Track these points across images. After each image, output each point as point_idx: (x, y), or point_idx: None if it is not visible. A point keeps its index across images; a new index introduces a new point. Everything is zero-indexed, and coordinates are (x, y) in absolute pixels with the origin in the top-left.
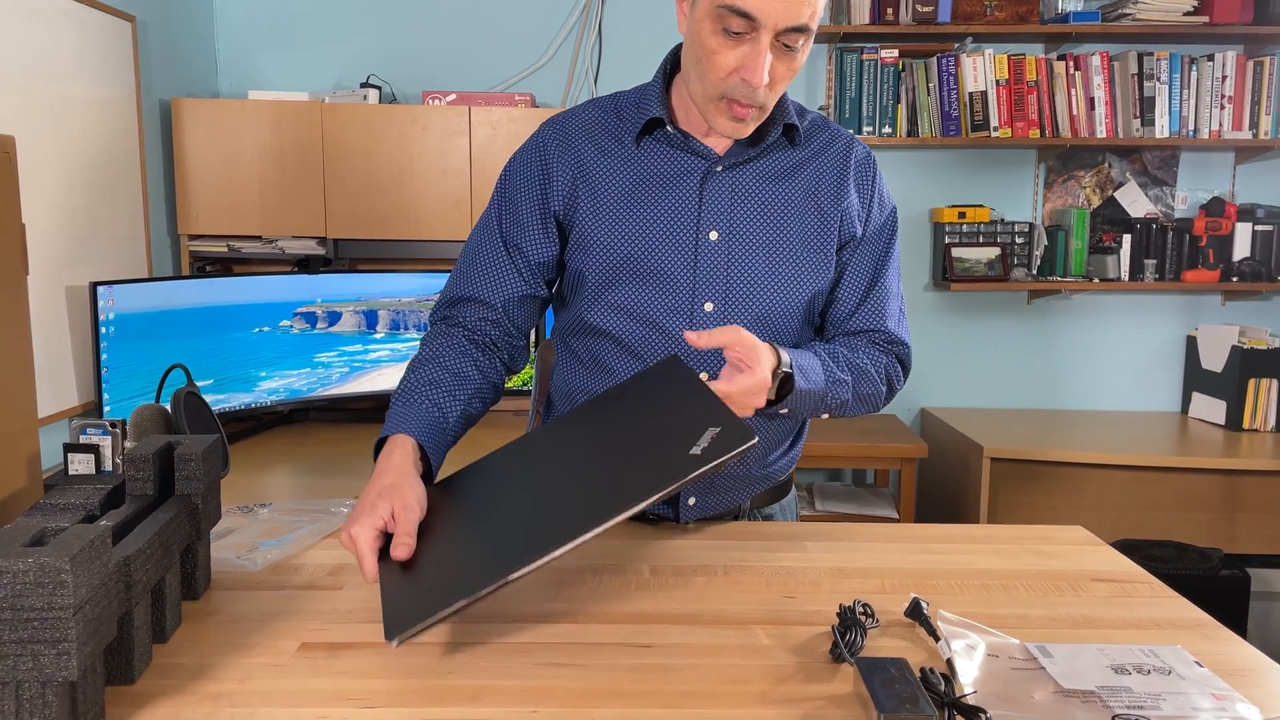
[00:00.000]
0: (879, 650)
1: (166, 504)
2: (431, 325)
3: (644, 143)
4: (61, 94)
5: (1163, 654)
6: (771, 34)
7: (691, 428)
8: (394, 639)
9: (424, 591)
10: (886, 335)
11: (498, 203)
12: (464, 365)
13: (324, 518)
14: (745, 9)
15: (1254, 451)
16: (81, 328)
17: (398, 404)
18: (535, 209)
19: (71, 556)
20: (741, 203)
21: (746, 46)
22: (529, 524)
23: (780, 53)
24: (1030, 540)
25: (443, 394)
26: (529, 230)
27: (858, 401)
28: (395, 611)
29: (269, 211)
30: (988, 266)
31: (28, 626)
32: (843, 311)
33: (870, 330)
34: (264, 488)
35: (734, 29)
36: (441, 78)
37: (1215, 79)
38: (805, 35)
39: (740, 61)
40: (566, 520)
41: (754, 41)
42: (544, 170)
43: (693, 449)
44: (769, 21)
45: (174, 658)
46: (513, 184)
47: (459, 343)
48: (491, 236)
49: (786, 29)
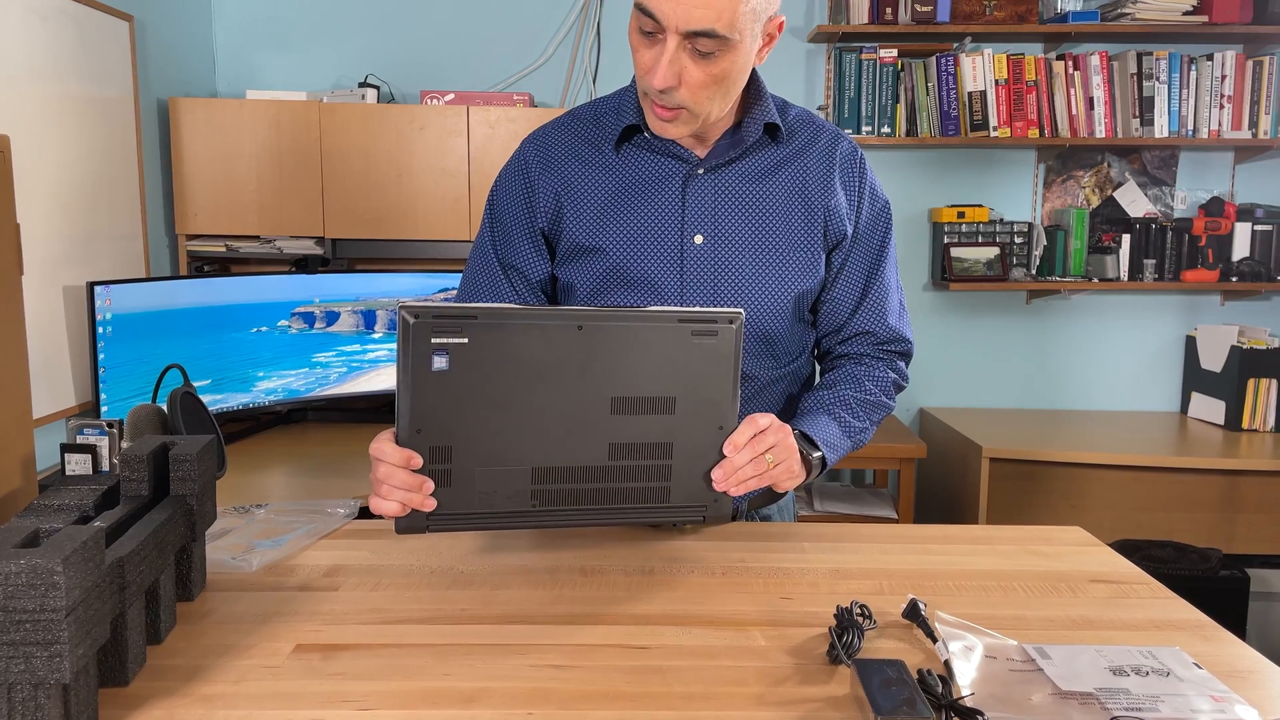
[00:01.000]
0: (876, 652)
1: (161, 505)
2: None
3: (624, 149)
4: (59, 93)
5: (1161, 655)
6: (677, 36)
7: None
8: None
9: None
10: (889, 333)
11: (489, 225)
12: None
13: (320, 519)
14: (647, 8)
15: (1253, 451)
16: (79, 328)
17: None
18: (523, 228)
19: (64, 558)
20: (725, 205)
21: (656, 48)
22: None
23: (694, 57)
24: (1028, 541)
25: None
26: (521, 250)
27: (874, 429)
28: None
29: (267, 211)
30: (987, 266)
31: (20, 628)
32: (842, 312)
33: (871, 331)
34: (261, 488)
35: (645, 29)
36: (440, 77)
37: (1214, 79)
38: (717, 42)
39: (652, 61)
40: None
41: (662, 43)
42: (528, 189)
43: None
44: (669, 23)
45: (168, 659)
46: (500, 205)
47: None
48: (487, 259)
49: (690, 32)
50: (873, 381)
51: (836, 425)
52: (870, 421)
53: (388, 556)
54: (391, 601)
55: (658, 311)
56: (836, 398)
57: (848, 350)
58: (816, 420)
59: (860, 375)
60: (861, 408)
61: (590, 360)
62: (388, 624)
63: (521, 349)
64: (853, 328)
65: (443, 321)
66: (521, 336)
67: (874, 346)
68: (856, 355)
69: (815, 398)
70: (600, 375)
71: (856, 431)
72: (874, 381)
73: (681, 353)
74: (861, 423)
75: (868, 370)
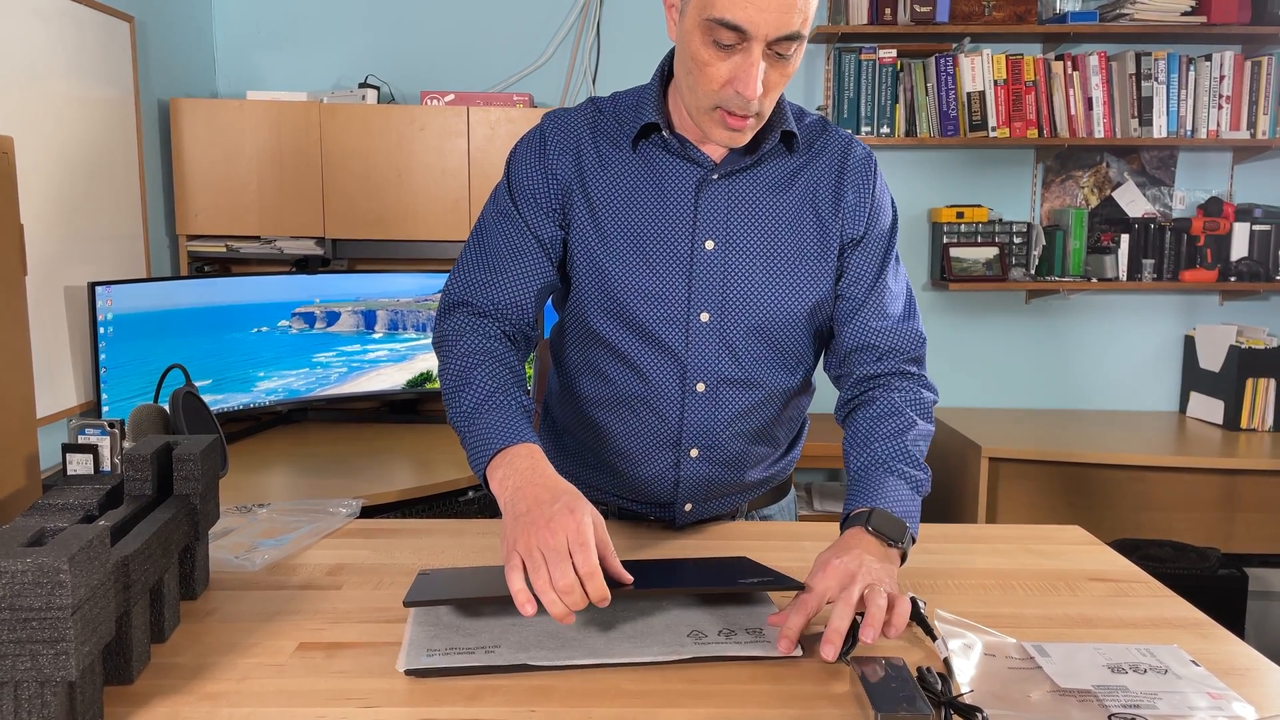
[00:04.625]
0: (876, 650)
1: (165, 504)
2: (453, 312)
3: (641, 147)
4: (60, 93)
5: (1159, 653)
6: (763, 44)
7: (748, 576)
8: (408, 601)
9: (460, 585)
10: (898, 339)
11: (511, 191)
12: (512, 359)
13: (323, 518)
14: (735, 22)
15: (1251, 451)
16: (80, 328)
17: (493, 411)
18: (544, 196)
19: (70, 557)
20: (738, 212)
21: (738, 57)
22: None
23: (773, 60)
24: (1027, 540)
25: (520, 392)
26: (544, 216)
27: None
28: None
29: (267, 211)
30: (986, 266)
31: (26, 626)
32: (847, 310)
33: (879, 337)
34: (263, 488)
35: (724, 41)
36: (440, 77)
37: (1213, 79)
38: (798, 42)
39: (732, 73)
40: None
41: (745, 52)
42: (545, 160)
43: (741, 580)
44: (760, 32)
45: (172, 657)
46: (520, 171)
47: (497, 335)
48: (513, 223)
49: (778, 38)
50: (914, 409)
51: (905, 485)
52: (923, 459)
53: (390, 555)
54: (394, 600)
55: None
56: (894, 451)
57: (867, 372)
58: (884, 486)
59: (896, 403)
60: (917, 449)
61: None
62: (391, 622)
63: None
64: (860, 336)
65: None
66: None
67: (892, 359)
68: (882, 381)
69: (872, 452)
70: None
71: (922, 484)
72: (915, 409)
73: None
74: (921, 472)
75: (902, 400)
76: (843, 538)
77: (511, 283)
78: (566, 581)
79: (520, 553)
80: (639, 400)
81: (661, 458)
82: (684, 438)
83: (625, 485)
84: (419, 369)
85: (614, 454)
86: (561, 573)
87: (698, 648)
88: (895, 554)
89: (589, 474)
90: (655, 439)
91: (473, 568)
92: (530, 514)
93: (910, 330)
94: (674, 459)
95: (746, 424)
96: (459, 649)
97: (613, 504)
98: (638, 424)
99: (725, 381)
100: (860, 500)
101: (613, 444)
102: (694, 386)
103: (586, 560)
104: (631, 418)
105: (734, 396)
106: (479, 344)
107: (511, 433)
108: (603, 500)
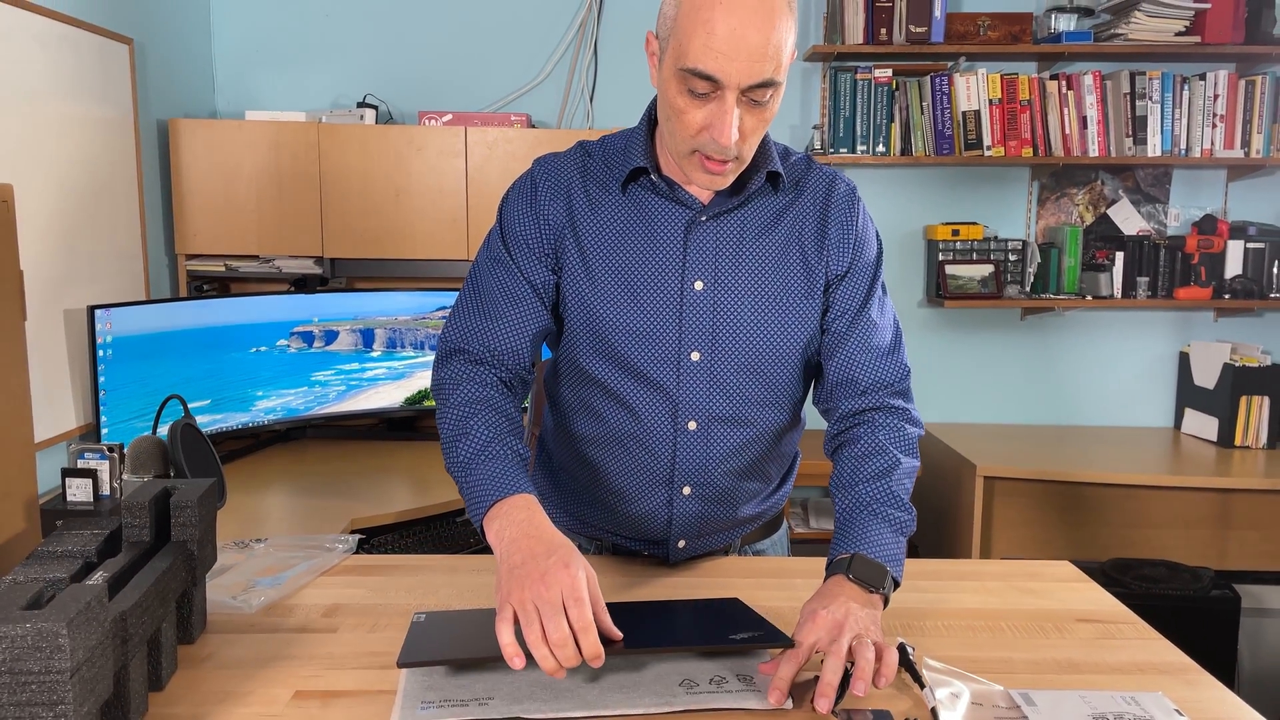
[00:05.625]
0: (864, 701)
1: (163, 552)
2: (450, 359)
3: (630, 190)
4: (60, 116)
5: (1144, 701)
6: (736, 91)
7: (739, 627)
8: (402, 663)
9: (451, 643)
10: (884, 374)
11: (504, 238)
12: (509, 407)
13: (319, 554)
14: (707, 71)
15: (1245, 469)
16: (79, 351)
17: (490, 461)
18: (536, 242)
19: (69, 620)
20: (726, 253)
21: (713, 105)
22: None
23: (748, 107)
24: (1017, 577)
25: (516, 440)
26: (537, 262)
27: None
28: (415, 647)
29: (266, 231)
30: (981, 284)
31: (25, 689)
32: (832, 343)
33: (862, 371)
34: (260, 509)
35: (699, 90)
36: (438, 97)
37: (1207, 98)
38: (773, 88)
39: (708, 120)
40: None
41: (720, 100)
42: (536, 206)
43: (732, 635)
44: (732, 81)
45: (169, 707)
46: (512, 218)
47: (494, 383)
48: (507, 270)
49: (751, 85)
50: (899, 448)
51: (889, 529)
52: (908, 500)
53: (385, 595)
54: (389, 644)
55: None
56: (877, 494)
57: (852, 408)
58: (867, 531)
59: (881, 443)
60: (902, 490)
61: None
62: (385, 669)
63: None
64: (844, 370)
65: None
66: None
67: (876, 394)
68: (866, 417)
69: (856, 495)
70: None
71: (906, 525)
72: (900, 448)
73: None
74: (904, 514)
75: (885, 439)
76: (826, 585)
77: (507, 329)
78: (560, 635)
79: (514, 605)
80: (631, 439)
81: (654, 495)
82: (676, 475)
83: (619, 522)
84: (417, 386)
85: (607, 491)
86: (555, 626)
87: (690, 698)
88: (878, 599)
89: (584, 510)
90: (648, 477)
91: (466, 612)
92: (525, 567)
93: (895, 363)
94: (667, 496)
95: (738, 461)
96: (453, 700)
97: (607, 540)
98: (630, 462)
99: (717, 419)
100: (844, 546)
101: (606, 481)
102: (685, 425)
103: (581, 615)
104: (624, 455)
105: (725, 434)
106: (475, 393)
107: (507, 484)
108: (597, 536)
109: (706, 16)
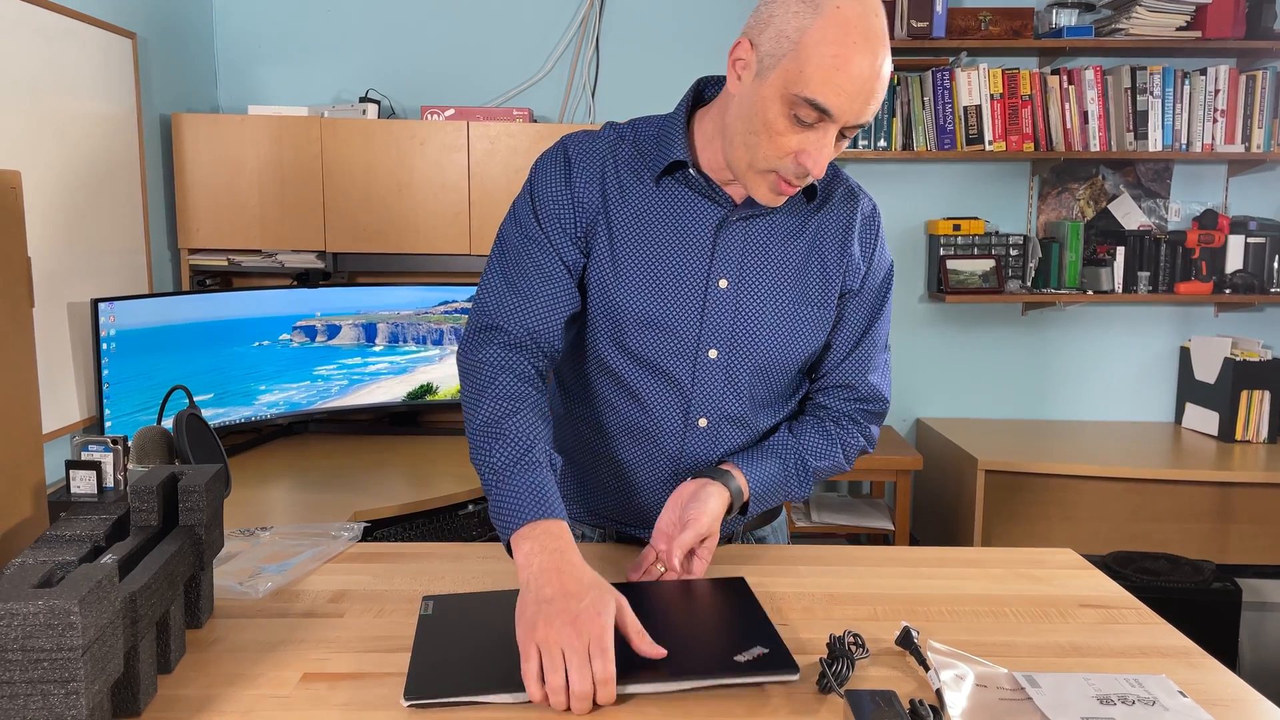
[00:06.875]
0: (869, 679)
1: (171, 535)
2: (487, 338)
3: (663, 182)
4: (63, 110)
5: (1147, 684)
6: (839, 127)
7: (744, 638)
8: (409, 701)
9: (460, 670)
10: (869, 390)
11: (536, 212)
12: (543, 401)
13: (325, 542)
14: (825, 105)
15: (1246, 463)
16: (83, 343)
17: (526, 472)
18: (570, 223)
19: (80, 599)
20: (752, 254)
21: (813, 135)
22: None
23: (837, 140)
24: (1020, 564)
25: (549, 444)
26: (570, 242)
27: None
28: (422, 676)
29: (268, 225)
30: (982, 278)
31: (37, 667)
32: (832, 361)
33: (853, 385)
34: (264, 502)
35: (805, 119)
36: (440, 92)
37: (1208, 93)
38: (861, 128)
39: (802, 147)
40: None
41: (822, 132)
42: (572, 186)
43: (737, 656)
44: (843, 118)
45: (178, 689)
46: (545, 193)
47: (530, 376)
48: (541, 247)
49: (853, 125)
50: (839, 446)
51: (780, 471)
52: (812, 481)
53: (391, 581)
54: (395, 628)
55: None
56: (790, 458)
57: (828, 402)
58: (758, 476)
59: (828, 430)
60: (810, 474)
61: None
62: (392, 652)
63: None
64: (836, 378)
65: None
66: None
67: (854, 404)
68: (835, 411)
69: (783, 442)
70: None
71: (792, 490)
72: (840, 446)
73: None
74: (801, 489)
75: (834, 431)
76: (709, 489)
77: (542, 308)
78: (583, 689)
79: (538, 643)
80: (641, 431)
81: (661, 488)
82: (683, 470)
83: (625, 511)
84: (419, 381)
85: (614, 480)
86: (580, 678)
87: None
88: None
89: (589, 497)
90: (655, 469)
91: (477, 597)
92: (554, 604)
93: (879, 392)
94: (673, 489)
95: None
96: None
97: (611, 528)
98: (639, 454)
99: (727, 418)
100: (742, 465)
101: (613, 471)
102: (696, 421)
103: (604, 668)
104: (633, 447)
105: (733, 434)
106: (514, 387)
107: (543, 505)
108: (601, 524)
109: (840, 52)
